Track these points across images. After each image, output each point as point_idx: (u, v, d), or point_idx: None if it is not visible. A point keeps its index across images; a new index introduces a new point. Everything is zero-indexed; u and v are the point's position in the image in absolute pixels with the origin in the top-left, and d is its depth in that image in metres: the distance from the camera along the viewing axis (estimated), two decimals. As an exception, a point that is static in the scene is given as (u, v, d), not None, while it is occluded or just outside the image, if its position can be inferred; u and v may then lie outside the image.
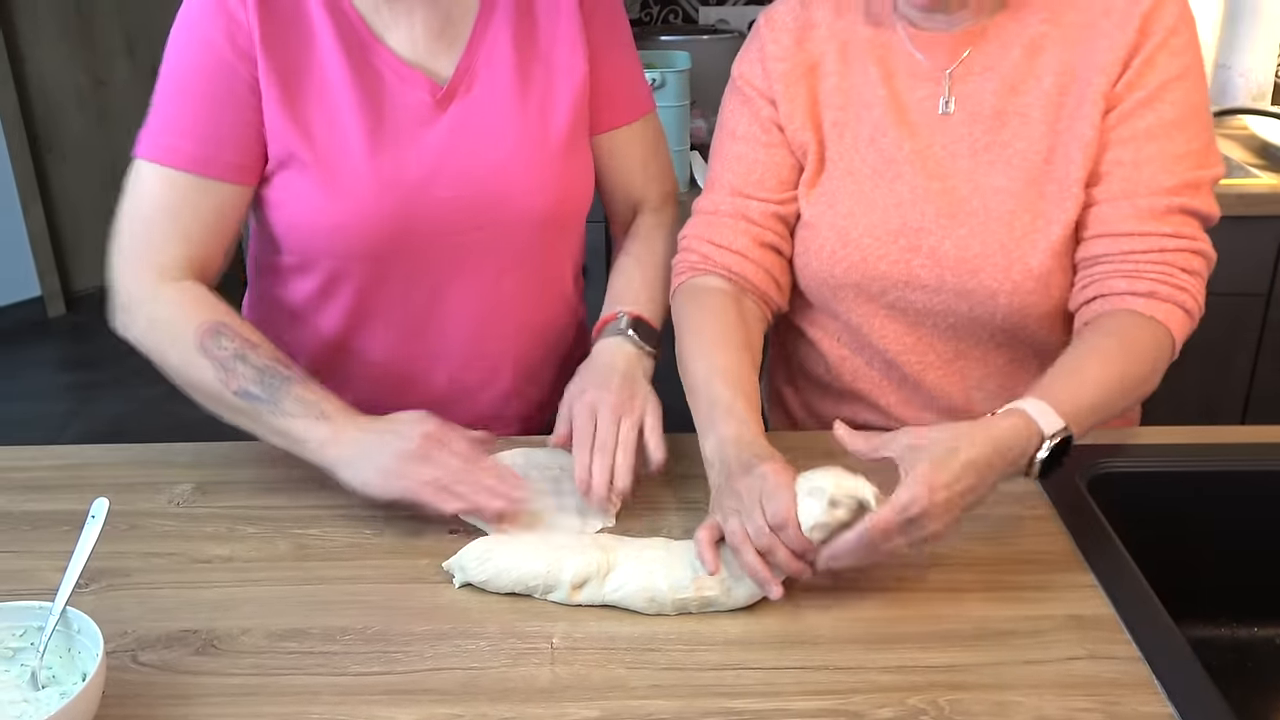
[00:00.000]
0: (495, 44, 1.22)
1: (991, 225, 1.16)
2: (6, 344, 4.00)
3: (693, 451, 1.19)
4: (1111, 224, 1.12)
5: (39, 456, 1.27)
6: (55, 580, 0.92)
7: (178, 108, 1.16)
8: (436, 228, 1.20)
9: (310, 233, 1.20)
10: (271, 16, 1.14)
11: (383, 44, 1.19)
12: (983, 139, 1.17)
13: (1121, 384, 1.05)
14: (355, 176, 1.17)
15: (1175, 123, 1.11)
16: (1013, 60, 1.16)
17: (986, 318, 1.19)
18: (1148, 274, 1.10)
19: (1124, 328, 1.09)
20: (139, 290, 1.16)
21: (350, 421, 1.12)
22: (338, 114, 1.17)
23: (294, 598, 1.02)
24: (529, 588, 1.00)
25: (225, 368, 1.12)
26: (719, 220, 1.25)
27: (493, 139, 1.21)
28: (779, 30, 1.24)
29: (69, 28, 4.07)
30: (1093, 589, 1.01)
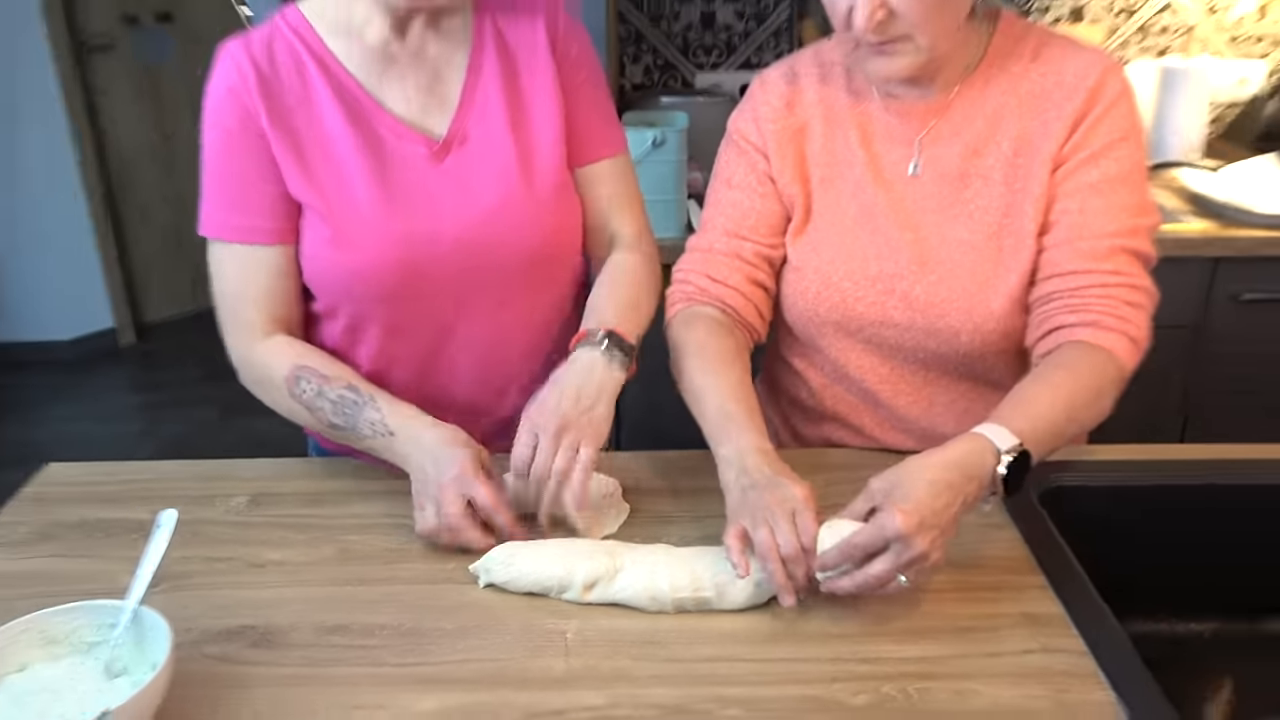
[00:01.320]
0: (484, 99, 1.21)
1: (957, 273, 1.16)
2: (84, 370, 4.00)
3: (693, 467, 1.20)
4: (1060, 265, 1.12)
5: (114, 472, 1.27)
6: (127, 581, 0.92)
7: (217, 188, 1.18)
8: (441, 268, 1.19)
9: (330, 280, 1.20)
10: (275, 98, 1.15)
11: (381, 107, 1.18)
12: (949, 197, 1.17)
13: (1070, 405, 1.04)
14: (365, 228, 1.16)
15: (1117, 178, 1.11)
16: (976, 128, 1.16)
17: (951, 353, 1.19)
18: (1094, 307, 1.09)
19: (1072, 357, 1.08)
20: (239, 354, 1.20)
21: (412, 437, 1.11)
22: (345, 173, 1.17)
23: (338, 597, 1.02)
24: (545, 588, 1.00)
25: (311, 408, 1.16)
26: (714, 257, 1.24)
27: (487, 186, 1.20)
28: (771, 94, 1.24)
29: (140, 90, 4.09)
30: (1044, 590, 1.00)
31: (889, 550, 0.91)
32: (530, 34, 1.22)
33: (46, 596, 0.97)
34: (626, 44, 2.58)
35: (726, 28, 2.57)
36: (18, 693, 0.84)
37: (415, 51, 1.19)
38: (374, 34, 1.17)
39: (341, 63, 1.17)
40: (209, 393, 1.08)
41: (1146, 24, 2.56)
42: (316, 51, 1.17)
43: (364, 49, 1.17)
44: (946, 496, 0.93)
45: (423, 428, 1.12)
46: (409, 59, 1.19)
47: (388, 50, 1.18)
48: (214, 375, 1.31)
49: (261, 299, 1.19)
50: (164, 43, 4.10)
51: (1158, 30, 2.57)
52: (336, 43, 1.18)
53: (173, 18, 4.10)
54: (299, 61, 1.17)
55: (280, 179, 1.16)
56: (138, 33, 4.03)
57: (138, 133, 4.13)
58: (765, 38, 2.58)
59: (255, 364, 1.19)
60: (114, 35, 3.97)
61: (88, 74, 3.92)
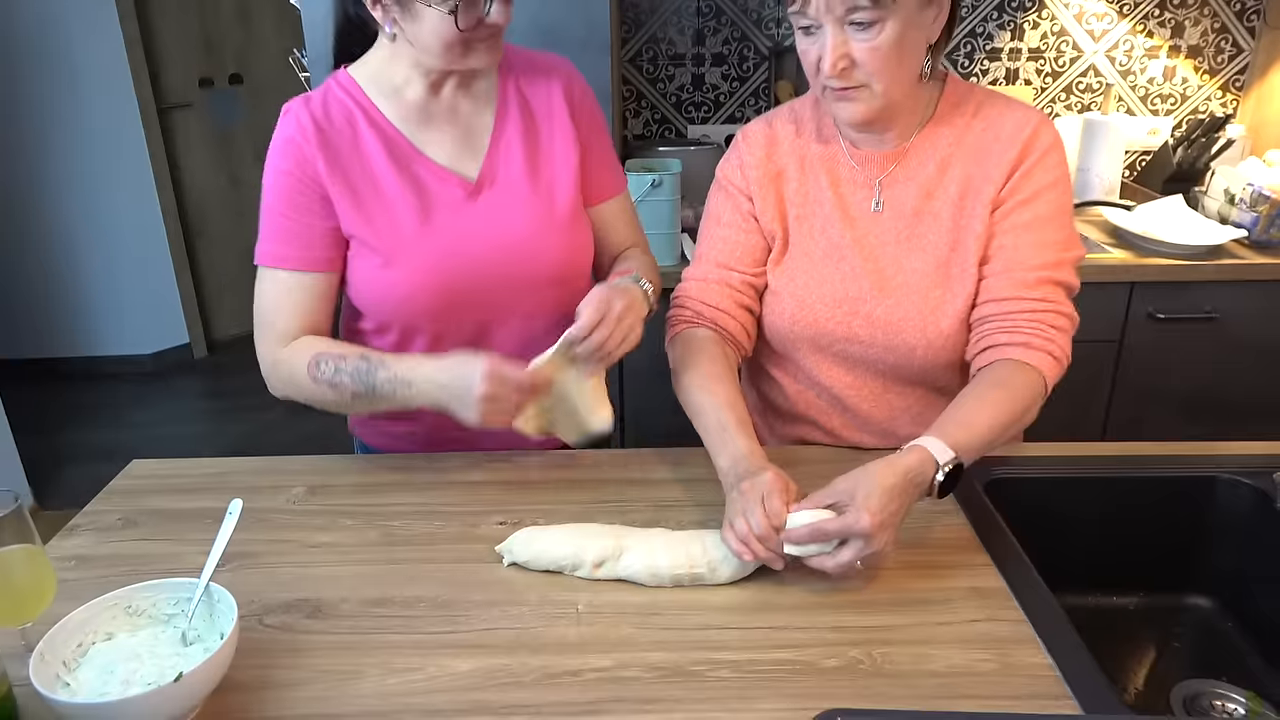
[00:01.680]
0: (509, 147, 1.21)
1: (911, 297, 1.16)
2: (162, 379, 3.99)
3: (688, 460, 1.20)
4: (996, 292, 1.12)
5: (188, 467, 1.27)
6: (199, 561, 0.91)
7: (274, 224, 1.18)
8: (476, 289, 1.20)
9: (380, 301, 1.20)
10: (332, 147, 1.16)
11: (421, 154, 1.19)
12: (905, 231, 1.17)
13: (1001, 420, 1.04)
14: (410, 256, 1.17)
15: (1046, 218, 1.12)
16: (928, 172, 1.16)
17: (907, 365, 1.19)
18: (1023, 329, 1.10)
19: (1004, 374, 1.08)
20: (269, 359, 1.19)
21: (425, 378, 1.12)
22: (393, 210, 1.17)
23: (381, 574, 1.02)
24: (560, 566, 1.00)
25: (334, 385, 1.14)
26: (708, 286, 1.24)
27: (513, 219, 1.20)
28: (753, 144, 1.24)
29: (212, 141, 4.10)
30: (989, 567, 1.00)
31: (853, 543, 0.93)
32: (548, 95, 1.23)
33: (131, 574, 0.98)
34: (629, 101, 2.58)
35: (714, 87, 2.57)
36: (106, 659, 0.83)
37: (449, 108, 1.20)
38: (413, 93, 1.18)
39: (387, 117, 1.18)
40: (269, 400, 1.07)
41: (1071, 84, 2.57)
42: (365, 108, 1.18)
43: (405, 106, 1.18)
44: (899, 501, 0.95)
45: (432, 362, 1.13)
46: (444, 114, 1.19)
47: (426, 108, 1.18)
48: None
49: (297, 313, 1.18)
50: (235, 102, 4.11)
51: (1081, 89, 2.57)
52: (382, 101, 1.18)
53: (242, 79, 4.10)
54: (350, 117, 1.17)
55: (328, 216, 1.17)
56: (213, 94, 4.04)
57: (211, 179, 4.13)
58: (746, 95, 2.58)
59: (281, 363, 1.18)
60: (192, 96, 3.97)
61: (169, 129, 3.92)
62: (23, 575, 0.85)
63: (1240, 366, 2.11)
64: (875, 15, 1.02)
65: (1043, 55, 2.54)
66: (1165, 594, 1.19)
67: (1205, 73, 2.54)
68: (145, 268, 3.94)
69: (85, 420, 3.63)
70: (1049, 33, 2.51)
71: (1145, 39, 2.51)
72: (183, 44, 3.89)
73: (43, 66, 3.60)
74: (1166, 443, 1.25)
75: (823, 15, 1.03)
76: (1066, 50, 2.53)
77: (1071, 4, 2.48)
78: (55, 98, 3.65)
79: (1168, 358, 2.10)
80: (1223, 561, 1.17)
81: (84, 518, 1.14)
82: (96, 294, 3.93)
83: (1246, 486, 1.14)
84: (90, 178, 3.76)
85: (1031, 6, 2.49)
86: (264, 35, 4.09)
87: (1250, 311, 2.06)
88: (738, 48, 2.53)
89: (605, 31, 1.89)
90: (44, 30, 3.56)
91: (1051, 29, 2.51)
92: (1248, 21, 2.48)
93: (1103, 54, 2.53)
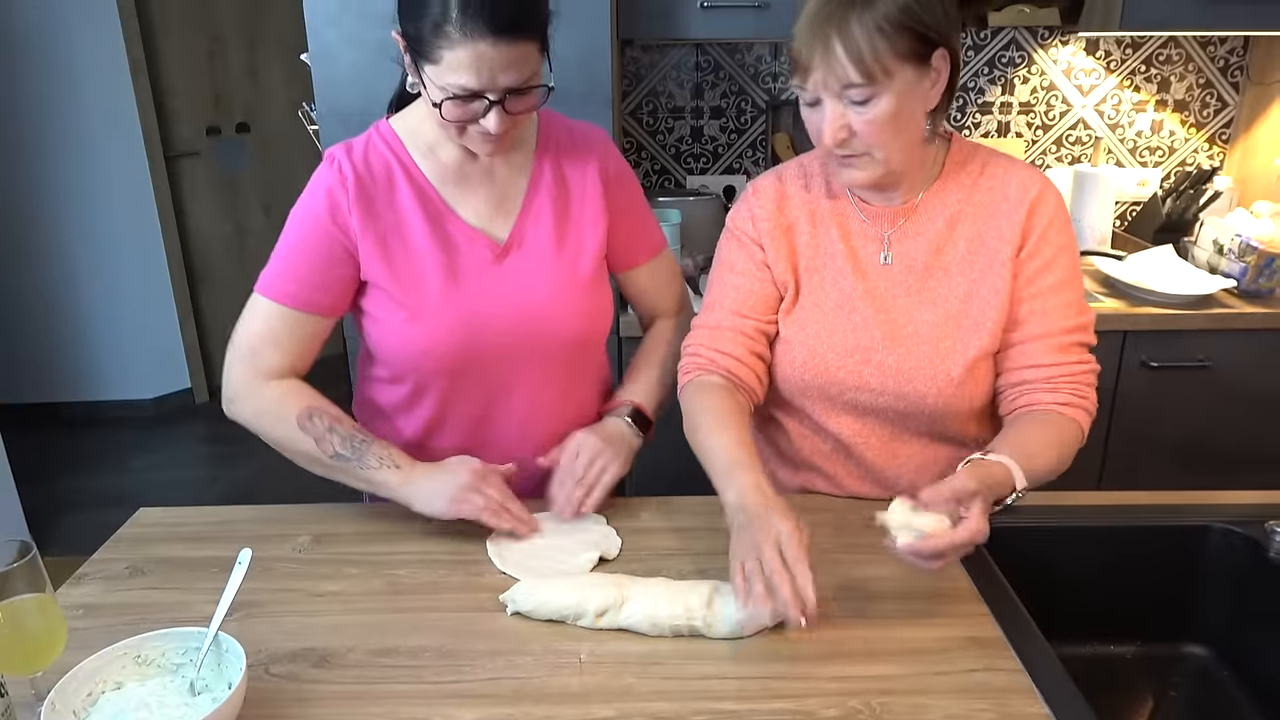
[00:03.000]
0: (539, 212, 1.23)
1: (922, 346, 1.18)
2: (165, 424, 4.00)
3: (689, 509, 1.21)
4: (1035, 358, 1.18)
5: (195, 515, 1.28)
6: (207, 610, 0.92)
7: (289, 260, 1.19)
8: (495, 350, 1.21)
9: (402, 354, 1.21)
10: (368, 197, 1.17)
11: (454, 214, 1.20)
12: (915, 284, 1.20)
13: (1057, 458, 1.12)
14: (435, 313, 1.18)
15: (1065, 281, 1.18)
16: (937, 228, 1.20)
17: (917, 413, 1.21)
18: (1064, 389, 1.17)
19: (1055, 421, 1.15)
20: (245, 387, 1.20)
21: (415, 468, 1.17)
22: (422, 265, 1.18)
23: (387, 623, 1.02)
24: (563, 616, 1.01)
25: (320, 439, 1.16)
26: (721, 333, 1.25)
27: (537, 283, 1.22)
28: (764, 197, 1.26)
29: (219, 189, 4.15)
30: (986, 616, 1.01)
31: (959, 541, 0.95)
32: (583, 170, 1.26)
33: (139, 623, 0.98)
34: (629, 152, 2.63)
35: (712, 139, 2.63)
36: (116, 709, 0.84)
37: (485, 170, 1.22)
38: (447, 155, 1.20)
39: (424, 174, 1.20)
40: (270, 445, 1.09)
41: (1061, 137, 2.62)
42: (404, 162, 1.20)
43: (441, 165, 1.20)
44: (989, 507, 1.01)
45: (426, 464, 1.18)
46: (480, 176, 1.22)
47: (462, 168, 1.21)
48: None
49: (289, 350, 1.20)
50: (241, 150, 4.17)
51: (1071, 142, 2.63)
52: (420, 157, 1.20)
53: (249, 128, 4.17)
54: (389, 169, 1.19)
55: (348, 265, 1.18)
56: (220, 142, 4.10)
57: (216, 225, 4.18)
58: (744, 148, 2.63)
59: (265, 397, 1.19)
60: (199, 145, 4.04)
61: (175, 175, 3.97)
62: (34, 624, 0.86)
63: (1233, 415, 2.13)
64: (870, 92, 1.06)
65: (1033, 109, 2.60)
66: (1162, 643, 1.20)
67: (1192, 126, 2.60)
68: (149, 313, 3.97)
69: (87, 466, 3.63)
70: (1039, 87, 2.57)
71: (1133, 93, 2.57)
72: (192, 97, 3.96)
73: (52, 116, 3.67)
74: (1160, 492, 1.27)
75: (821, 90, 1.08)
76: (1056, 104, 2.59)
77: (1060, 60, 2.55)
78: (63, 145, 3.70)
79: (1161, 406, 2.12)
80: (1218, 611, 1.18)
81: (92, 566, 1.15)
82: (99, 339, 3.95)
83: (1239, 536, 1.15)
84: (96, 224, 3.81)
85: (1021, 62, 2.56)
86: (272, 87, 4.17)
87: (1242, 360, 2.08)
88: (735, 101, 2.58)
89: (606, 89, 1.94)
90: (54, 82, 3.63)
91: (1041, 84, 2.57)
92: (1231, 77, 2.55)
93: (1091, 108, 2.59)
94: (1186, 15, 2.13)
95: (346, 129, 1.62)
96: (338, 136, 1.83)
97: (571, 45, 1.84)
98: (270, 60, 4.13)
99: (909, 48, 1.05)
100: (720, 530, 1.18)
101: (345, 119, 1.90)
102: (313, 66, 1.91)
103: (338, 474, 1.18)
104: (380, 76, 1.85)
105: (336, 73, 1.90)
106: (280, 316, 1.19)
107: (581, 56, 1.91)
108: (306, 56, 1.91)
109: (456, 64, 1.02)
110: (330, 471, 1.19)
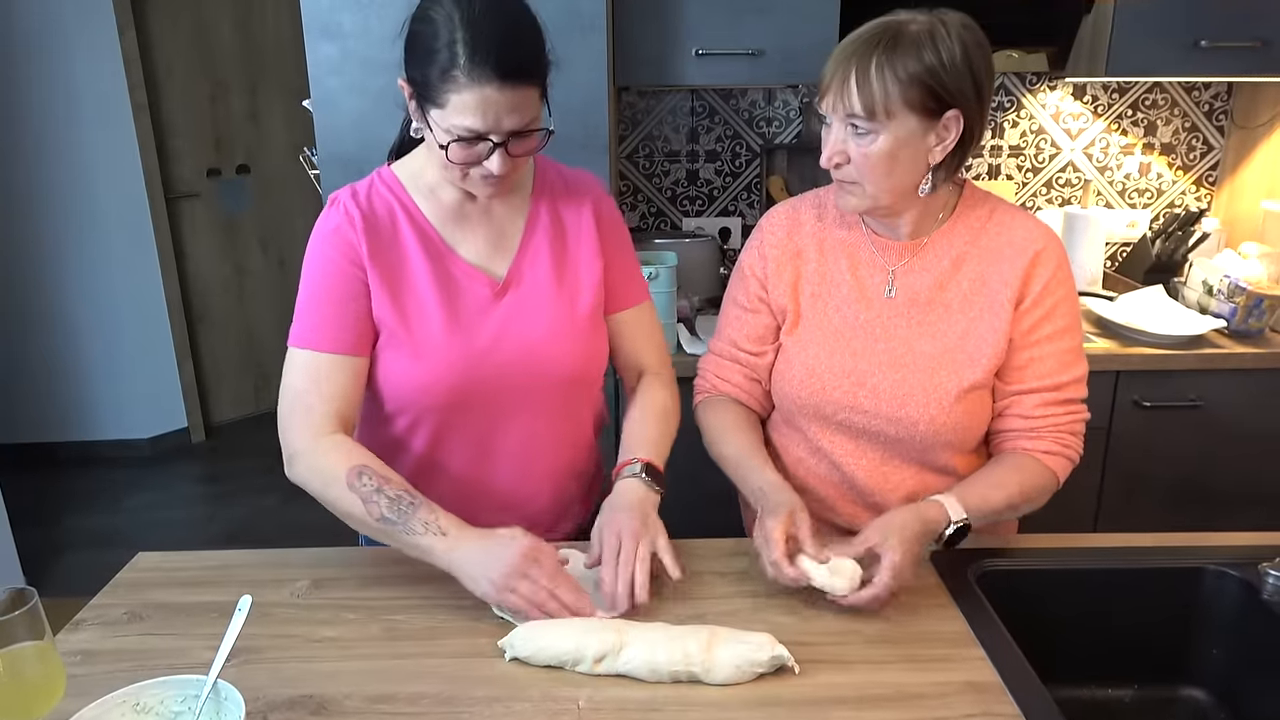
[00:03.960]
0: (537, 252, 1.26)
1: (918, 374, 1.22)
2: (161, 463, 3.99)
3: (688, 552, 1.21)
4: (1026, 410, 1.24)
5: (193, 560, 1.27)
6: (205, 657, 0.92)
7: (313, 307, 1.19)
8: (495, 385, 1.23)
9: (402, 389, 1.22)
10: (376, 240, 1.20)
11: (454, 253, 1.23)
12: (916, 317, 1.24)
13: (1010, 500, 1.19)
14: (437, 348, 1.20)
15: (1064, 330, 1.23)
16: (943, 266, 1.24)
17: (908, 439, 1.24)
18: (1048, 438, 1.23)
19: (1024, 463, 1.23)
20: (301, 445, 1.17)
21: (462, 535, 1.10)
22: (424, 303, 1.20)
23: (385, 669, 1.02)
24: (562, 661, 1.01)
25: (367, 501, 1.12)
26: (724, 363, 1.38)
27: (535, 320, 1.24)
28: (775, 225, 1.33)
29: (219, 229, 4.18)
30: (983, 660, 1.01)
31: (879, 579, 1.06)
32: (578, 212, 1.29)
33: (137, 669, 0.98)
34: (625, 195, 2.67)
35: (707, 182, 2.66)
36: (113, 756, 0.84)
37: (483, 210, 1.25)
38: (447, 196, 1.23)
39: (425, 215, 1.23)
40: (267, 484, 1.07)
41: (1051, 179, 2.66)
42: (405, 204, 1.23)
43: (442, 206, 1.23)
44: (920, 546, 1.12)
45: (474, 530, 1.12)
46: (479, 215, 1.25)
47: (461, 209, 1.24)
48: (272, 469, 1.32)
49: (334, 398, 1.18)
50: (242, 192, 4.21)
51: (1061, 184, 2.66)
52: (421, 199, 1.23)
53: (250, 170, 4.21)
54: (392, 211, 1.22)
55: (365, 299, 1.20)
56: (220, 183, 4.14)
57: (216, 266, 4.20)
58: (739, 190, 2.67)
59: (318, 453, 1.16)
60: (200, 186, 4.08)
61: (175, 216, 4.01)
62: (34, 672, 0.86)
63: (1226, 454, 2.14)
64: (870, 127, 1.13)
65: (1023, 152, 2.64)
66: (1160, 686, 1.20)
67: (1179, 169, 2.64)
68: (146, 353, 3.98)
69: (82, 506, 3.61)
70: (1028, 131, 2.62)
71: (1120, 137, 2.61)
72: (193, 139, 4.01)
73: (55, 157, 3.70)
74: (1155, 534, 1.28)
75: (831, 111, 1.16)
76: (1045, 148, 2.63)
77: (1048, 104, 2.60)
78: (65, 186, 3.74)
79: (1154, 445, 2.14)
80: (1215, 653, 1.18)
81: (90, 611, 1.15)
82: (96, 379, 3.95)
83: (1233, 578, 1.16)
84: (95, 263, 3.83)
85: (1010, 107, 2.60)
86: (273, 129, 4.22)
87: (1233, 400, 2.10)
88: (730, 145, 2.62)
89: (603, 134, 1.97)
90: (58, 123, 3.67)
91: (1030, 128, 2.62)
92: (1216, 121, 2.60)
93: (1080, 151, 2.63)
94: (1170, 61, 2.18)
95: (346, 174, 1.64)
96: (338, 181, 1.86)
97: (570, 92, 1.87)
98: (271, 103, 4.18)
99: (919, 99, 1.11)
100: (719, 574, 1.19)
101: (345, 164, 1.92)
102: (314, 113, 1.94)
103: (386, 537, 1.13)
104: (380, 123, 1.89)
105: (338, 119, 1.93)
106: (318, 366, 1.18)
107: (579, 103, 1.94)
108: (309, 103, 1.95)
109: (463, 107, 1.06)
110: (379, 535, 1.14)
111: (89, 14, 3.59)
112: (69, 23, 3.58)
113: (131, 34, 3.69)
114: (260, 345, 4.37)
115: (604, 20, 1.92)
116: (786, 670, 0.99)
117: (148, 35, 3.78)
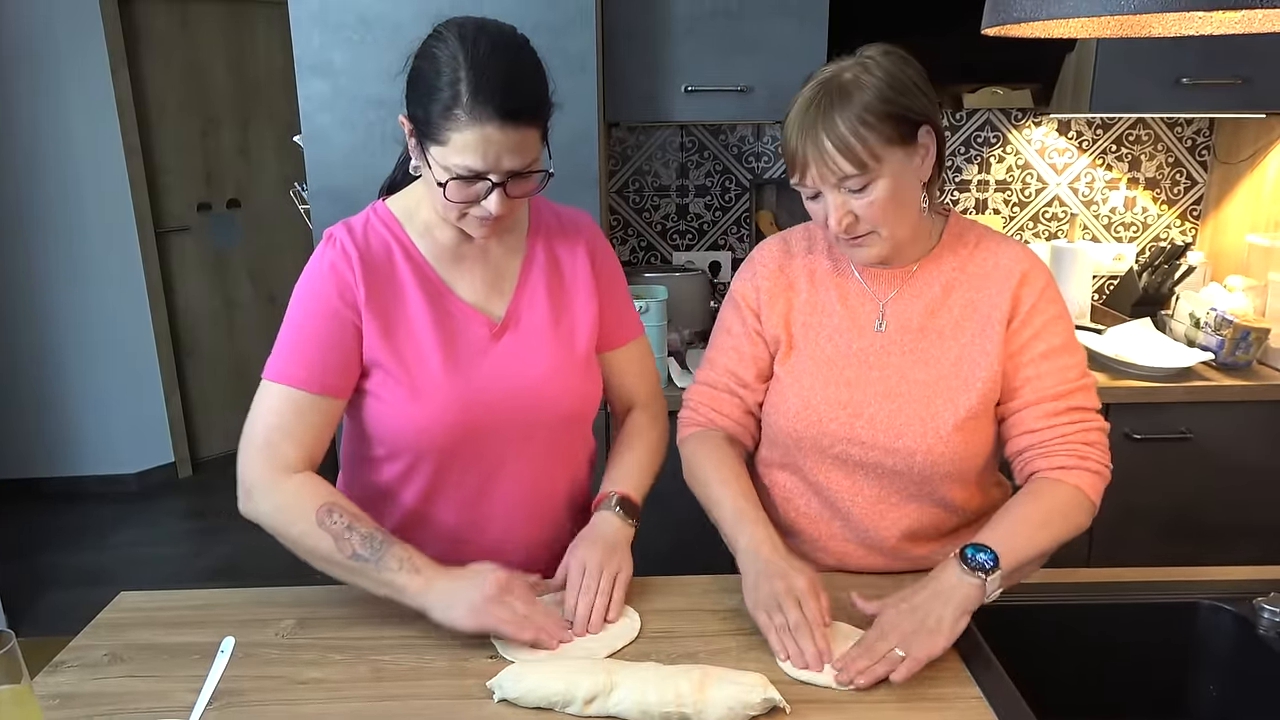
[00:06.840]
0: (534, 292, 1.25)
1: (913, 404, 1.21)
2: (147, 498, 3.95)
3: (676, 589, 1.20)
4: (1028, 425, 1.20)
5: (176, 599, 1.25)
6: (187, 699, 0.91)
7: (297, 344, 1.17)
8: (491, 426, 1.21)
9: (398, 431, 1.20)
10: (373, 278, 1.18)
11: (452, 292, 1.22)
12: (908, 345, 1.24)
13: (1048, 537, 1.13)
14: (434, 389, 1.18)
15: (1058, 347, 1.20)
16: (933, 293, 1.24)
17: (906, 471, 1.23)
18: (1059, 453, 1.18)
19: (1047, 492, 1.16)
20: (263, 481, 1.15)
21: (437, 572, 1.12)
22: (421, 344, 1.19)
23: (372, 711, 1.00)
24: (551, 702, 0.99)
25: (339, 538, 1.10)
26: (717, 394, 1.33)
27: (534, 361, 1.23)
28: (767, 257, 1.32)
29: (208, 264, 4.18)
30: (979, 700, 1.00)
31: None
32: (573, 249, 1.29)
33: (117, 713, 0.96)
34: (616, 229, 2.68)
35: (697, 217, 2.68)
36: (89, 805, 0.82)
37: (480, 249, 1.24)
38: (444, 235, 1.22)
39: (422, 253, 1.21)
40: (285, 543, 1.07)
41: (1038, 213, 2.69)
42: (402, 242, 1.21)
43: (438, 245, 1.22)
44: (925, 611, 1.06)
45: (447, 569, 1.13)
46: (476, 255, 1.24)
47: (458, 248, 1.22)
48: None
49: (304, 438, 1.16)
50: (232, 225, 4.21)
51: (1047, 218, 2.69)
52: (418, 236, 1.22)
53: (240, 204, 4.22)
54: (388, 249, 1.20)
55: (356, 344, 1.18)
56: (211, 218, 4.14)
57: (205, 300, 4.19)
58: (729, 224, 2.68)
59: (285, 491, 1.14)
60: (190, 220, 4.08)
61: (165, 250, 4.00)
62: (10, 717, 0.84)
63: (1218, 486, 2.14)
64: (865, 179, 1.12)
65: (1009, 187, 2.66)
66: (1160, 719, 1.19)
67: (1164, 203, 2.67)
68: (134, 387, 3.96)
69: (67, 542, 3.57)
70: (1014, 166, 2.65)
71: (1105, 171, 2.64)
72: (183, 174, 4.02)
73: (46, 193, 3.71)
74: (1149, 568, 1.27)
75: (819, 185, 1.14)
76: (1031, 182, 2.66)
77: (1033, 140, 2.62)
78: (56, 220, 3.74)
79: (1145, 478, 2.13)
80: (1210, 688, 1.17)
81: (69, 653, 1.12)
82: (83, 413, 3.92)
83: (1228, 613, 1.15)
84: (84, 297, 3.82)
85: (996, 142, 2.63)
86: (264, 162, 4.23)
87: (1223, 432, 2.10)
88: (720, 180, 2.64)
89: (594, 170, 1.98)
90: (48, 159, 3.68)
91: (1016, 163, 2.64)
92: (1199, 156, 2.63)
93: (1065, 186, 2.66)
94: (1153, 98, 2.21)
95: (336, 209, 1.64)
96: (328, 216, 1.86)
97: (560, 128, 1.87)
98: (262, 138, 4.20)
99: (894, 132, 1.11)
100: (710, 612, 1.17)
101: (336, 199, 1.93)
102: (305, 148, 1.95)
103: (355, 576, 1.12)
104: (371, 159, 1.90)
105: (328, 155, 1.93)
106: (293, 402, 1.15)
107: (569, 140, 1.95)
108: (299, 138, 1.95)
109: (464, 145, 1.06)
110: (348, 574, 1.13)
111: (82, 53, 3.62)
112: (62, 60, 3.60)
113: (124, 73, 3.71)
114: (249, 380, 4.30)
115: (594, 59, 1.94)
116: (779, 711, 0.97)
117: (140, 72, 3.81)
